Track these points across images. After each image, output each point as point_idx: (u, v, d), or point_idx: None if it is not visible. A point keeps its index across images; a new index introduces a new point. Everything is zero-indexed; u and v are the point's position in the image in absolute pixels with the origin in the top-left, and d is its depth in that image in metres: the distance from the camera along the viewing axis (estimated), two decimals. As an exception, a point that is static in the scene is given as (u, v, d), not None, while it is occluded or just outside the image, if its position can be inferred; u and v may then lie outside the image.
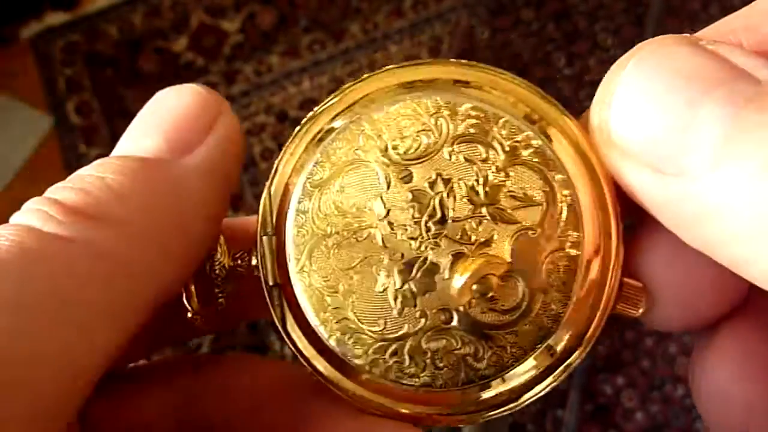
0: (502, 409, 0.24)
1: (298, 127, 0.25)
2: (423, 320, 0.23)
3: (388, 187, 0.23)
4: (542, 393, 0.24)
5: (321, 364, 0.24)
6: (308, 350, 0.24)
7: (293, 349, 0.24)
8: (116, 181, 0.21)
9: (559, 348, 0.23)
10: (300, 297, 0.24)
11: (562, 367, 0.23)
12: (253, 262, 0.25)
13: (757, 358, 0.23)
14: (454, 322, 0.23)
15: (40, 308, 0.18)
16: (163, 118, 0.23)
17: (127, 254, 0.20)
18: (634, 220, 0.24)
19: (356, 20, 1.40)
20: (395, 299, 0.23)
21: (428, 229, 0.23)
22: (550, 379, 0.23)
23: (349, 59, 1.38)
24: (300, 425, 0.24)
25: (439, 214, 0.23)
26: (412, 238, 0.23)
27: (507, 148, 0.23)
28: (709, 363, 0.23)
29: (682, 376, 1.08)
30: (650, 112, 0.19)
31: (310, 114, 0.24)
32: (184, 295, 0.24)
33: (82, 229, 0.19)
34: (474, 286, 0.22)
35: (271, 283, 0.24)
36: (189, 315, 0.25)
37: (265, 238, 0.24)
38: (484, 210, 0.23)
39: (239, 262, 0.25)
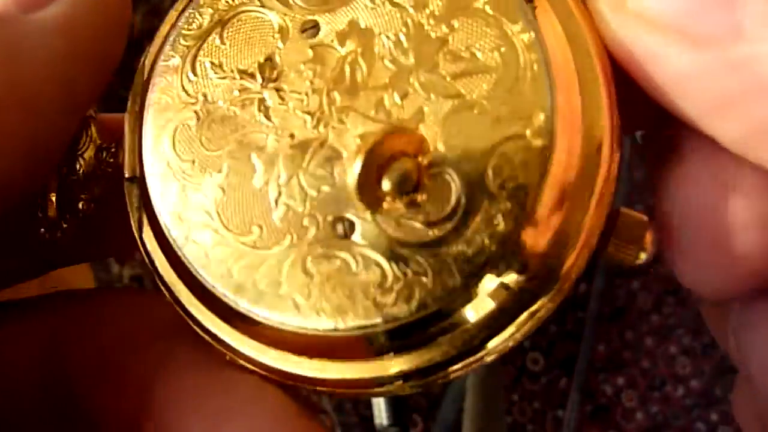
0: (431, 378, 0.16)
1: None
2: (313, 229, 0.16)
3: (284, 42, 0.18)
4: (493, 353, 0.16)
5: (176, 282, 0.18)
6: (165, 268, 0.18)
7: (150, 264, 0.18)
8: None
9: (505, 292, 0.16)
10: (154, 192, 0.18)
11: (523, 317, 0.16)
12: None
13: None
14: (356, 235, 0.16)
15: None
16: None
17: None
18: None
19: (356, 20, 1.41)
20: (277, 198, 0.17)
21: (332, 101, 0.17)
22: (509, 330, 0.16)
23: (349, 59, 1.38)
24: (156, 371, 0.19)
25: (348, 80, 0.17)
26: (308, 113, 0.17)
27: None
28: None
29: (682, 376, 1.08)
30: None
31: None
32: (39, 203, 0.19)
33: None
34: (386, 180, 0.16)
35: (128, 175, 0.18)
36: (42, 230, 0.19)
37: (129, 116, 0.19)
38: (412, 76, 0.16)
39: (103, 155, 0.19)
